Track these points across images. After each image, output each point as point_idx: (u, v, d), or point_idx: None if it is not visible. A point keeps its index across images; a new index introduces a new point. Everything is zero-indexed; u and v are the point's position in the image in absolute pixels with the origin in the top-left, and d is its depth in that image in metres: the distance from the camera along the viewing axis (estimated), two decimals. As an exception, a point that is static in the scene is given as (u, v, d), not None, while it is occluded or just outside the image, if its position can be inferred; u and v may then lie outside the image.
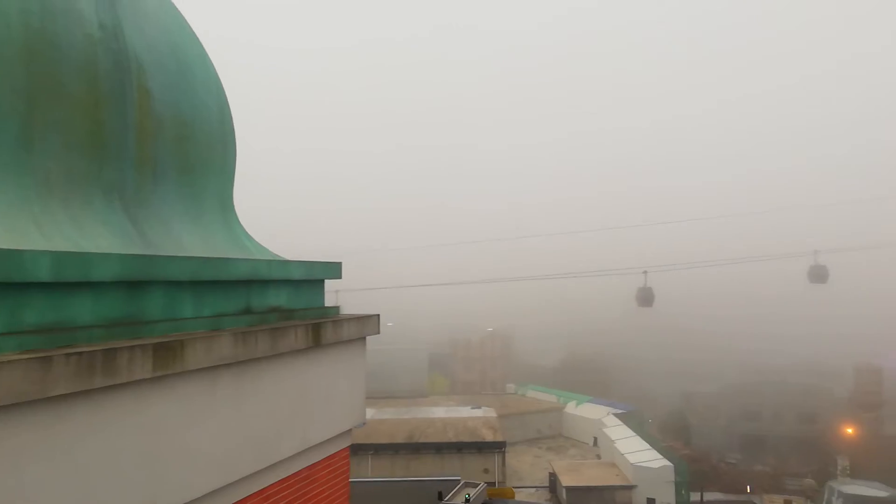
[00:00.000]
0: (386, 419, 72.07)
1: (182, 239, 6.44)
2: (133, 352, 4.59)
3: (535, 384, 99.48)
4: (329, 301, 7.67)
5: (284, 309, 6.86)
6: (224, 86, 7.33)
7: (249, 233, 7.64)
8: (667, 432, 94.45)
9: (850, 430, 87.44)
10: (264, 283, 6.60)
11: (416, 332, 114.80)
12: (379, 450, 64.10)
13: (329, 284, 7.58)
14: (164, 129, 6.37)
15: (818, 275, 64.82)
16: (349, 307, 8.17)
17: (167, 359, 4.85)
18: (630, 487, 61.07)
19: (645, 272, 60.32)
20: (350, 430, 7.59)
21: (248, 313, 6.33)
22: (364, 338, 7.78)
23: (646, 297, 62.29)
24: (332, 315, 7.50)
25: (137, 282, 5.18)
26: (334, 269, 7.59)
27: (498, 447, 65.35)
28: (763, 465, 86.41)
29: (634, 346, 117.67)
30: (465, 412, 74.83)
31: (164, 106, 6.35)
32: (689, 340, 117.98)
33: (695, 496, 68.65)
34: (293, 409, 6.45)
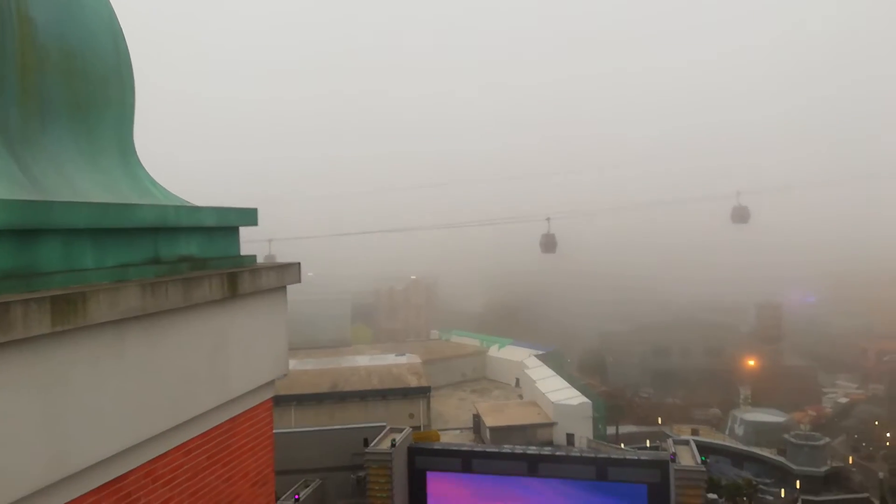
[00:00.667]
0: (309, 369, 71.97)
1: (78, 183, 5.93)
2: (28, 305, 4.22)
3: (459, 329, 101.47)
4: (260, 250, 7.32)
5: (196, 258, 6.51)
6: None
7: (162, 182, 7.15)
8: (585, 371, 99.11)
9: (751, 363, 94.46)
10: (173, 231, 6.21)
11: (340, 282, 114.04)
12: (302, 400, 64.13)
13: (259, 233, 7.22)
14: (51, 62, 5.76)
15: (740, 215, 68.48)
16: (279, 256, 7.85)
17: (68, 312, 4.49)
18: (550, 425, 63.95)
19: (548, 219, 61.71)
20: (273, 381, 7.42)
21: (156, 263, 5.96)
22: (284, 287, 7.54)
23: (548, 244, 63.97)
24: (248, 264, 7.19)
25: (29, 230, 4.74)
26: (249, 216, 7.24)
27: (423, 392, 66.71)
28: (673, 397, 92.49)
29: (554, 289, 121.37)
30: (390, 359, 75.73)
31: (49, 36, 5.74)
32: (607, 283, 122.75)
33: (611, 429, 72.92)
34: (211, 361, 6.21)
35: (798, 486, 64.52)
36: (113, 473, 5.15)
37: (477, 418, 67.03)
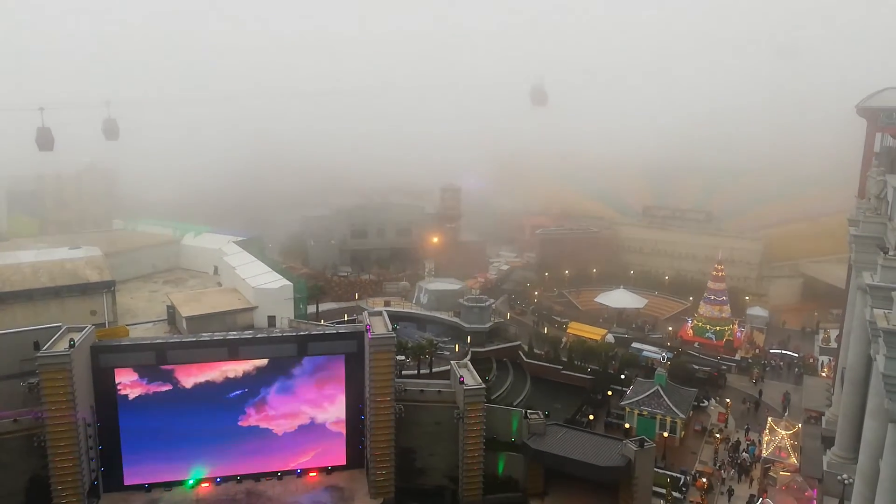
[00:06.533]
0: (-46, 270, 60.15)
1: None
2: None
3: (148, 219, 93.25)
4: None
5: None
6: None
7: None
8: (287, 255, 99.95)
9: (435, 240, 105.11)
10: None
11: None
12: (-53, 306, 53.98)
13: None
14: None
15: (538, 98, 73.03)
16: None
17: None
18: (251, 309, 64.08)
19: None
20: None
21: None
22: None
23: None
24: None
25: None
26: None
27: (106, 287, 61.00)
28: (369, 274, 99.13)
29: (255, 176, 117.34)
30: (63, 254, 66.64)
31: None
32: (307, 168, 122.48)
33: (312, 308, 75.89)
34: None
35: (469, 341, 75.96)
36: None
37: (171, 309, 63.91)
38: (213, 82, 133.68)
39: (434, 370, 66.88)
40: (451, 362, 55.46)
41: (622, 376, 69.36)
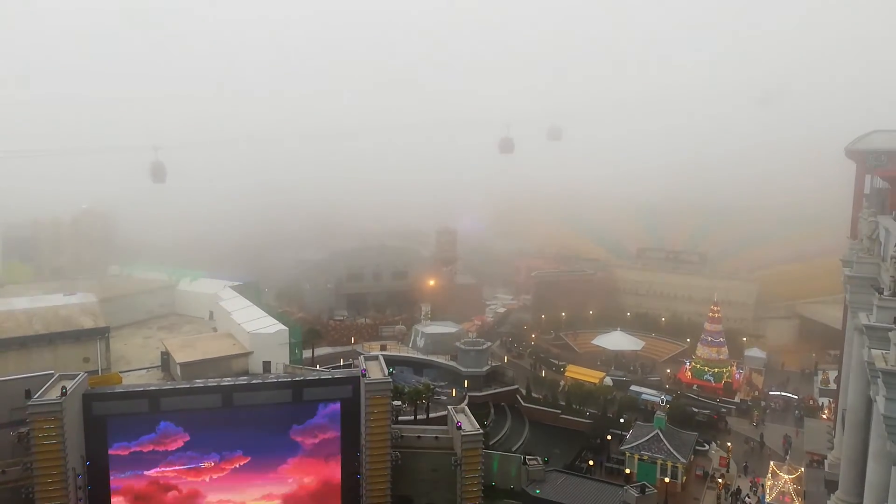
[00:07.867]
0: (-53, 318, 59.71)
1: None
2: None
3: (144, 264, 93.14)
4: None
5: None
6: None
7: None
8: (283, 299, 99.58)
9: (431, 282, 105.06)
10: None
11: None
12: (-61, 354, 53.44)
13: None
14: None
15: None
16: None
17: None
18: (246, 354, 63.43)
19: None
20: None
21: None
22: None
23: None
24: None
25: None
26: None
27: (99, 334, 60.47)
28: (365, 318, 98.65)
29: (249, 220, 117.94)
30: (57, 300, 66.26)
31: None
32: (303, 213, 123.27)
33: (308, 353, 75.28)
34: None
35: (466, 385, 75.27)
36: None
37: (165, 355, 63.28)
38: (210, 129, 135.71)
39: (431, 415, 66.02)
40: (449, 407, 54.88)
41: (621, 420, 68.53)
